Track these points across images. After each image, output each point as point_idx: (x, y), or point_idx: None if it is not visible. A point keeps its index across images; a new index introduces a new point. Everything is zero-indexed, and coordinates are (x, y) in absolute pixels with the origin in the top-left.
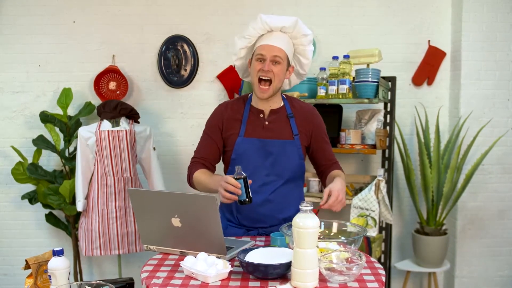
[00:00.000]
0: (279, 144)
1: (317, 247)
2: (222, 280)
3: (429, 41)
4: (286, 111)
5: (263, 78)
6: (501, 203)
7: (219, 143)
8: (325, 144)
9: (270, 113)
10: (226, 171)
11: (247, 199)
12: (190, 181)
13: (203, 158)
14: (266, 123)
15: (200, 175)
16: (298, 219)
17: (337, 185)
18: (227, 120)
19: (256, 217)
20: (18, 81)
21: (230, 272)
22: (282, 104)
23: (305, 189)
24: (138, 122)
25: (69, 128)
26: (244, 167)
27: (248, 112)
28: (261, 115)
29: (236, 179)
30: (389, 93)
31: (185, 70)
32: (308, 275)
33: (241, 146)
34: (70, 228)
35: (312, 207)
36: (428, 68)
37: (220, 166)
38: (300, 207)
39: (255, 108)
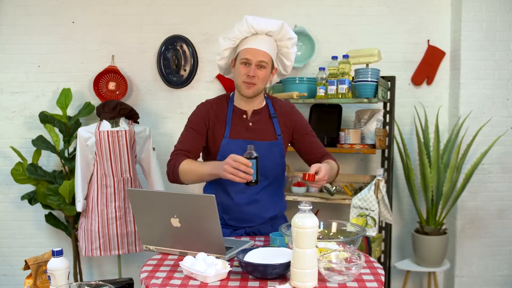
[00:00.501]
0: (264, 145)
1: (317, 247)
2: (221, 280)
3: (428, 40)
4: (269, 111)
5: (248, 82)
6: (500, 202)
7: (204, 137)
8: (310, 137)
9: (253, 113)
10: None
11: (256, 180)
12: (173, 174)
13: (188, 151)
14: (250, 124)
15: (189, 163)
16: (297, 219)
17: (326, 167)
18: (212, 119)
19: (244, 217)
20: (17, 82)
21: (229, 272)
22: (264, 103)
23: (304, 189)
24: (138, 122)
25: (69, 128)
26: None
27: (231, 112)
28: (244, 116)
29: (248, 158)
30: (389, 92)
31: (185, 70)
32: (307, 275)
33: (226, 148)
34: (70, 228)
35: (311, 207)
36: (427, 68)
37: None
38: (299, 207)
39: (238, 108)
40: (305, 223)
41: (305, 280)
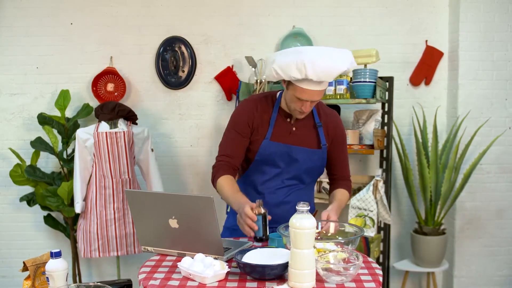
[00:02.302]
0: (305, 152)
1: (314, 247)
2: (219, 281)
3: (426, 41)
4: (313, 118)
5: (301, 112)
6: (499, 202)
7: (247, 140)
8: (342, 154)
9: (297, 119)
10: (246, 169)
11: (263, 237)
12: (214, 184)
13: (230, 157)
14: (294, 129)
15: (224, 184)
16: (294, 220)
17: (335, 210)
18: (257, 119)
19: (273, 218)
20: (16, 83)
21: (228, 273)
22: None
23: None
24: (136, 124)
25: (67, 130)
26: (267, 169)
27: (276, 113)
28: (289, 119)
29: (256, 213)
30: (387, 93)
31: (183, 71)
32: (305, 275)
33: (266, 149)
34: (69, 230)
35: (309, 208)
36: (425, 68)
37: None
38: (297, 207)
39: (283, 110)
40: (303, 223)
41: (303, 281)
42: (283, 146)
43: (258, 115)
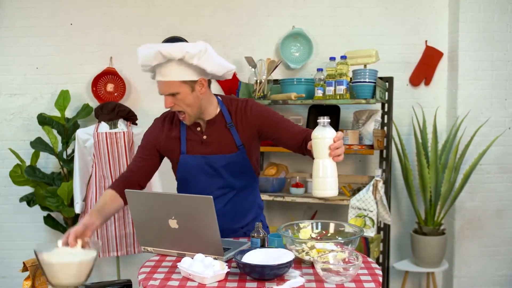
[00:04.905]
0: (222, 159)
1: (314, 247)
2: (219, 281)
3: (426, 41)
4: (224, 119)
5: (174, 110)
6: (499, 202)
7: (153, 157)
8: (282, 123)
9: (207, 124)
10: (177, 185)
11: None
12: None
13: (132, 171)
14: (204, 137)
15: (101, 197)
16: (316, 132)
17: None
18: (165, 136)
19: None
20: (15, 84)
21: (227, 273)
22: (218, 111)
23: (302, 190)
24: (136, 124)
25: (67, 130)
26: (191, 183)
27: (184, 126)
28: (198, 128)
29: (255, 236)
30: (387, 93)
31: None
32: (328, 183)
33: (184, 165)
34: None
35: (329, 120)
36: (425, 68)
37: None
38: (318, 121)
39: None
40: (324, 134)
41: (326, 188)
42: (200, 158)
43: (166, 131)
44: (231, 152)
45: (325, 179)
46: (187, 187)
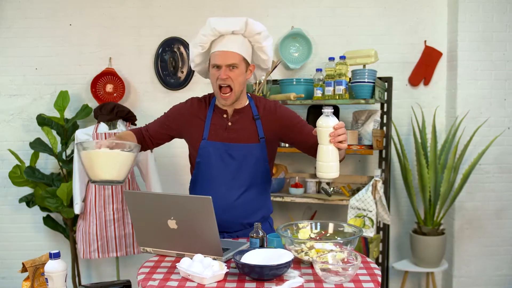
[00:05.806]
0: (242, 148)
1: (313, 247)
2: (218, 282)
3: (425, 41)
4: (251, 111)
5: (223, 85)
6: (498, 202)
7: (168, 132)
8: (302, 127)
9: (234, 113)
10: (192, 171)
11: None
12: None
13: (147, 128)
14: (230, 123)
15: (119, 133)
16: (320, 121)
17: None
18: (190, 118)
19: (220, 223)
20: (15, 84)
21: (226, 274)
22: (247, 103)
23: (302, 190)
24: (135, 125)
25: (66, 131)
26: (208, 171)
27: (211, 112)
28: (225, 115)
29: (254, 236)
30: (386, 93)
31: (182, 72)
32: (330, 166)
33: (204, 150)
34: (68, 231)
35: (333, 110)
36: (424, 68)
37: (185, 163)
38: (322, 110)
39: (218, 107)
40: (328, 122)
41: (329, 171)
42: (221, 145)
43: (193, 112)
44: (252, 142)
45: (328, 163)
46: (202, 174)
